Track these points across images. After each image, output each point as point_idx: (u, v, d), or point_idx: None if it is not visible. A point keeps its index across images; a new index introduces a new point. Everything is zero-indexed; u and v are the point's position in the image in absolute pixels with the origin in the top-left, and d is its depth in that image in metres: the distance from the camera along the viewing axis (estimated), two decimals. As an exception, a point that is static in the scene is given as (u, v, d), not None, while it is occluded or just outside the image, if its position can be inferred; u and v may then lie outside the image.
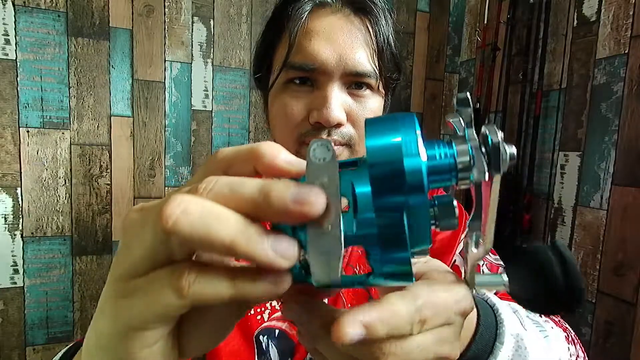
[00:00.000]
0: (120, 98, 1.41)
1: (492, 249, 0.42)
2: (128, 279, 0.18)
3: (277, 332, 0.46)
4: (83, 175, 1.38)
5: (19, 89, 1.29)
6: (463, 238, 0.54)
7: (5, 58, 1.27)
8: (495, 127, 0.18)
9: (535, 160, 1.42)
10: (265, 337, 0.46)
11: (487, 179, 0.18)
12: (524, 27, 1.45)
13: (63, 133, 1.35)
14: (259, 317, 0.47)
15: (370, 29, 0.48)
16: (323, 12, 0.48)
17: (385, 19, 0.49)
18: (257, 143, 0.19)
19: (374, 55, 0.48)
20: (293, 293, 0.21)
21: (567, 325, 0.45)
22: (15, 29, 1.27)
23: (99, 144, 1.39)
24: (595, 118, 1.25)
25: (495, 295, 0.35)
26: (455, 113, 0.19)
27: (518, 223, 1.43)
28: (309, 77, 0.47)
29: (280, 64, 0.47)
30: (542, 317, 0.40)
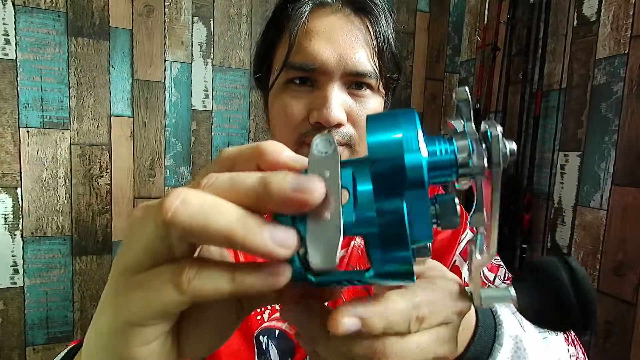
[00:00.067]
0: (120, 98, 1.41)
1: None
2: (130, 275, 0.18)
3: (277, 332, 0.46)
4: (83, 175, 1.38)
5: (19, 89, 1.29)
6: (464, 239, 0.54)
7: (5, 58, 1.27)
8: (495, 122, 0.18)
9: (535, 160, 1.42)
10: (265, 337, 0.46)
11: (486, 172, 0.18)
12: (524, 27, 1.45)
13: (63, 133, 1.35)
14: (259, 317, 0.47)
15: (371, 29, 0.48)
16: (323, 12, 0.48)
17: (386, 19, 0.49)
18: (260, 142, 0.19)
19: (374, 55, 0.48)
20: (292, 296, 0.21)
21: None
22: (15, 29, 1.27)
23: (99, 144, 1.39)
24: (595, 118, 1.25)
25: None
26: (456, 114, 0.19)
27: (518, 223, 1.43)
28: (309, 77, 0.47)
29: (281, 64, 0.47)
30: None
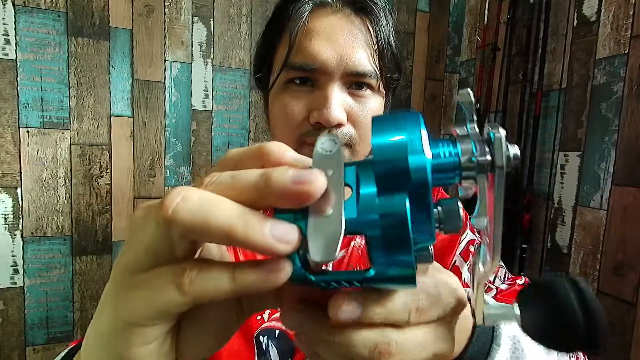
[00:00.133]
0: (120, 98, 1.41)
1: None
2: (130, 275, 0.18)
3: (277, 332, 0.46)
4: (83, 175, 1.38)
5: (19, 89, 1.29)
6: (464, 239, 0.54)
7: (5, 58, 1.27)
8: (498, 125, 0.18)
9: (535, 160, 1.42)
10: (265, 337, 0.46)
11: (489, 176, 0.18)
12: (524, 27, 1.45)
13: (63, 133, 1.35)
14: (259, 317, 0.47)
15: (371, 29, 0.48)
16: (323, 12, 0.48)
17: (386, 19, 0.49)
18: (264, 142, 0.19)
19: (375, 56, 0.48)
20: (292, 299, 0.21)
21: None
22: (15, 29, 1.27)
23: (99, 144, 1.39)
24: (595, 118, 1.25)
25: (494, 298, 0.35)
26: (457, 116, 0.19)
27: (518, 223, 1.43)
28: (310, 77, 0.47)
29: (281, 64, 0.47)
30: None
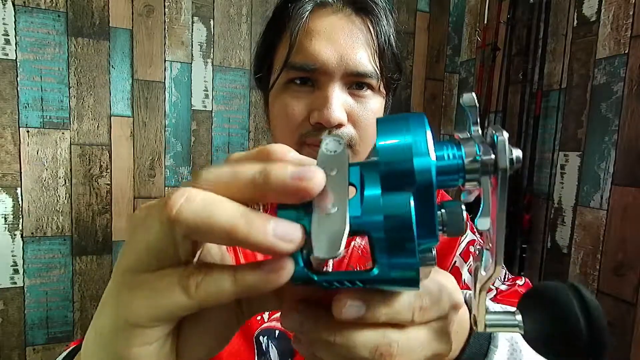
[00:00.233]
0: (120, 98, 1.41)
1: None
2: (132, 275, 0.18)
3: (277, 332, 0.46)
4: (83, 175, 1.38)
5: (19, 89, 1.29)
6: (464, 239, 0.54)
7: (5, 58, 1.27)
8: (501, 128, 0.18)
9: (535, 160, 1.42)
10: (265, 337, 0.46)
11: (492, 179, 0.18)
12: (524, 27, 1.45)
13: (63, 133, 1.35)
14: (259, 317, 0.47)
15: (372, 29, 0.48)
16: (324, 12, 0.47)
17: (387, 19, 0.49)
18: (266, 144, 0.19)
19: (375, 56, 0.48)
20: (293, 300, 0.21)
21: None
22: (15, 29, 1.27)
23: (99, 144, 1.39)
24: (595, 118, 1.25)
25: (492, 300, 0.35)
26: (461, 128, 0.19)
27: (518, 223, 1.43)
28: (310, 77, 0.47)
29: (281, 64, 0.47)
30: None
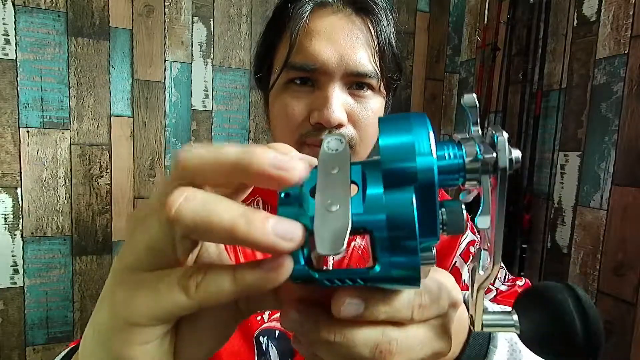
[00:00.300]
0: (120, 98, 1.41)
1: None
2: (131, 274, 0.18)
3: (277, 332, 0.46)
4: (83, 175, 1.38)
5: (19, 89, 1.29)
6: (464, 240, 0.54)
7: (5, 58, 1.27)
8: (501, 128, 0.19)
9: (535, 160, 1.42)
10: (265, 337, 0.46)
11: (492, 179, 0.18)
12: (524, 27, 1.45)
13: (63, 133, 1.35)
14: (259, 317, 0.47)
15: (372, 29, 0.48)
16: (324, 12, 0.47)
17: (387, 19, 0.49)
18: (268, 144, 0.19)
19: (375, 56, 0.48)
20: (292, 301, 0.21)
21: None
22: (15, 29, 1.27)
23: (99, 144, 1.39)
24: (595, 118, 1.25)
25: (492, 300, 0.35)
26: (460, 130, 0.20)
27: (518, 223, 1.43)
28: (310, 77, 0.47)
29: (281, 64, 0.47)
30: None
